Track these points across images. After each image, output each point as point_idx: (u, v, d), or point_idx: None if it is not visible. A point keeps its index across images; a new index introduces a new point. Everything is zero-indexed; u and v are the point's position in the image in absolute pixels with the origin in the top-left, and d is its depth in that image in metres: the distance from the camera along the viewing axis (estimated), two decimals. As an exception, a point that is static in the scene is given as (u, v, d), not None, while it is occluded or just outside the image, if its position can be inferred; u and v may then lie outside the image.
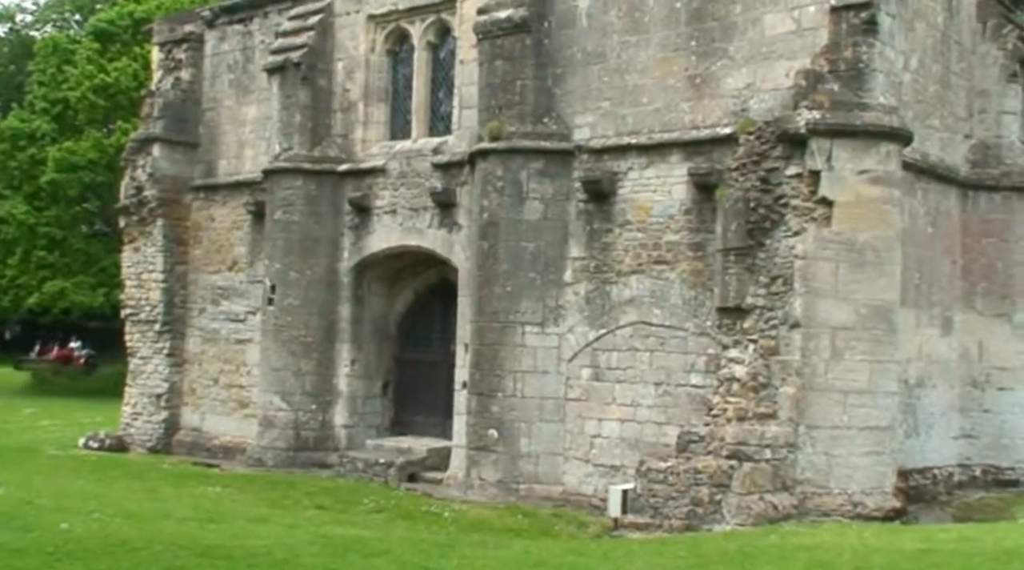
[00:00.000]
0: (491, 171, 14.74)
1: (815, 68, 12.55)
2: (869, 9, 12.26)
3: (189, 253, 20.05)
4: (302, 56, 17.30)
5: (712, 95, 13.64)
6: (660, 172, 14.03)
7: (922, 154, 14.12)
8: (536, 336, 14.57)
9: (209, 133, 19.90)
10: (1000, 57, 15.40)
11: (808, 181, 12.35)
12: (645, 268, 14.07)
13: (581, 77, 14.73)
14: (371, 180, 17.04)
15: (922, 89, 14.26)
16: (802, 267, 12.34)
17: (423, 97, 17.02)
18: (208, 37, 20.02)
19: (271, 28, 18.70)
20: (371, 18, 17.35)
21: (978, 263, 15.25)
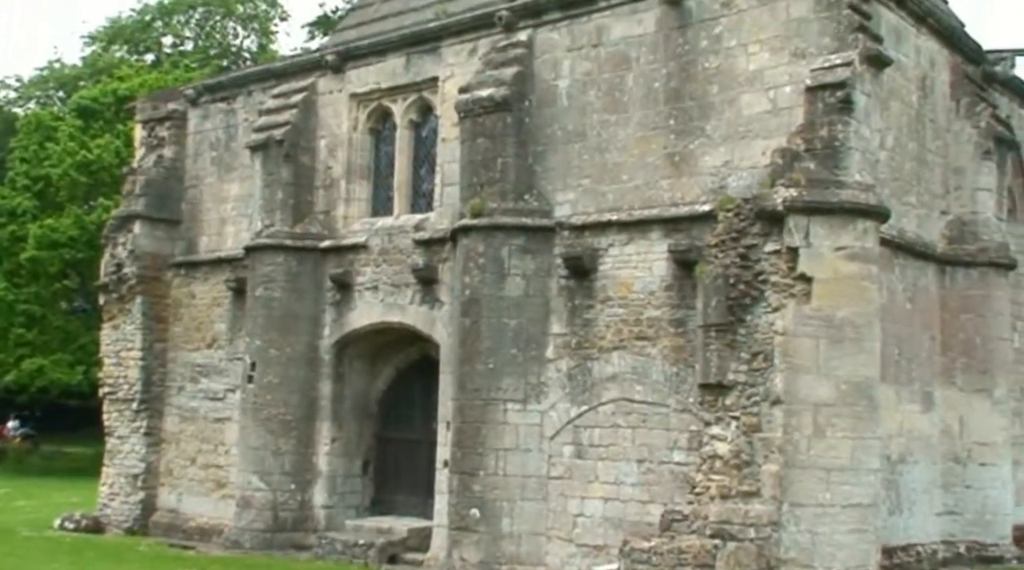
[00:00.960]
0: (473, 248, 14.78)
1: (791, 147, 12.71)
2: (844, 89, 12.46)
3: (168, 330, 19.94)
4: (285, 134, 17.43)
5: (691, 173, 13.78)
6: (641, 248, 14.10)
7: (899, 230, 14.26)
8: (518, 413, 14.50)
9: (191, 210, 19.93)
10: (974, 135, 15.64)
11: (787, 258, 12.43)
12: (627, 344, 14.07)
13: (562, 155, 14.88)
14: (353, 256, 17.06)
15: (898, 166, 14.45)
16: (782, 343, 12.36)
17: (405, 174, 17.14)
18: (191, 115, 20.16)
19: (254, 106, 18.85)
20: (354, 97, 17.53)
21: (957, 338, 15.31)
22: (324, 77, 17.81)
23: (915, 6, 14.87)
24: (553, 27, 15.18)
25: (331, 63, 17.61)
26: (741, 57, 13.54)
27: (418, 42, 16.74)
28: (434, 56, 16.58)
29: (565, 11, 15.05)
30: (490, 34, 15.80)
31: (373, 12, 19.41)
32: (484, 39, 15.89)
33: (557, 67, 15.08)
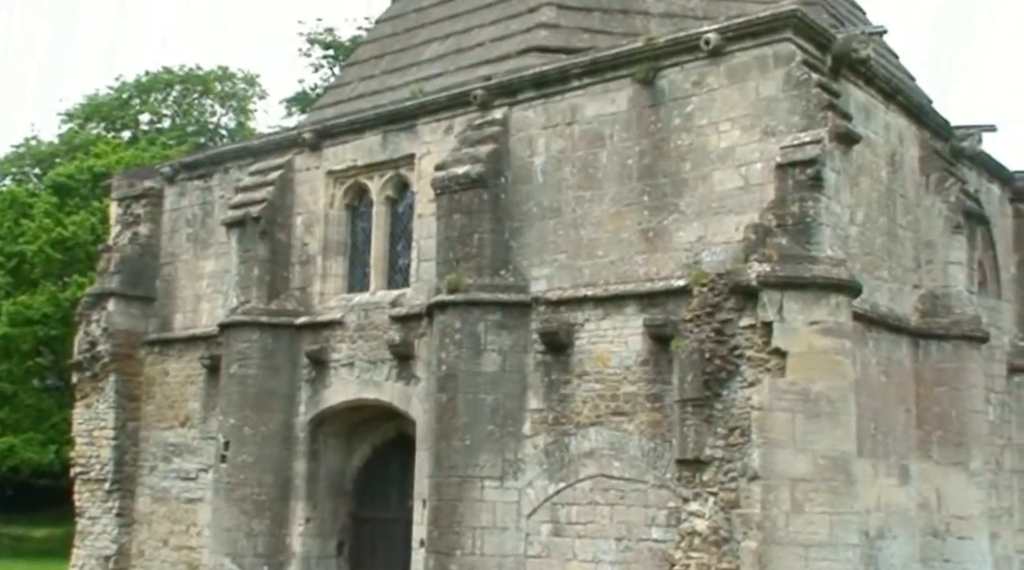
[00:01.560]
0: (449, 323, 14.77)
1: (764, 222, 12.84)
2: (814, 166, 12.64)
3: (141, 409, 19.74)
4: (261, 210, 17.47)
5: (665, 248, 13.88)
6: (616, 323, 14.14)
7: (872, 305, 14.37)
8: (495, 491, 14.37)
9: (165, 287, 19.87)
10: (944, 209, 15.86)
11: (761, 332, 12.50)
12: (604, 419, 14.03)
13: (537, 231, 14.97)
14: (328, 333, 17.01)
15: (869, 241, 14.61)
16: (759, 418, 12.37)
17: (381, 250, 17.18)
18: (167, 192, 20.20)
19: (231, 183, 18.92)
20: (331, 174, 17.63)
21: (932, 412, 15.35)
22: (301, 154, 17.92)
23: (883, 84, 15.17)
24: (528, 106, 15.37)
25: (308, 141, 17.73)
26: (713, 135, 13.73)
27: (395, 120, 16.90)
28: (411, 134, 16.73)
29: (539, 90, 15.26)
30: (466, 112, 15.98)
31: (350, 91, 19.63)
32: (460, 117, 16.06)
33: (532, 144, 15.24)
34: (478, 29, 18.08)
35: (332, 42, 35.11)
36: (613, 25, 16.97)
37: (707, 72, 13.88)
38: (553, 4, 17.26)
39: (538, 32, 16.98)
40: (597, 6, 17.35)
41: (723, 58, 13.74)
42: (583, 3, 17.34)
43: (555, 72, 15.14)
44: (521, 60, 16.42)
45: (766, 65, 13.41)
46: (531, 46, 16.76)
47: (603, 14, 17.22)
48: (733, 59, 13.68)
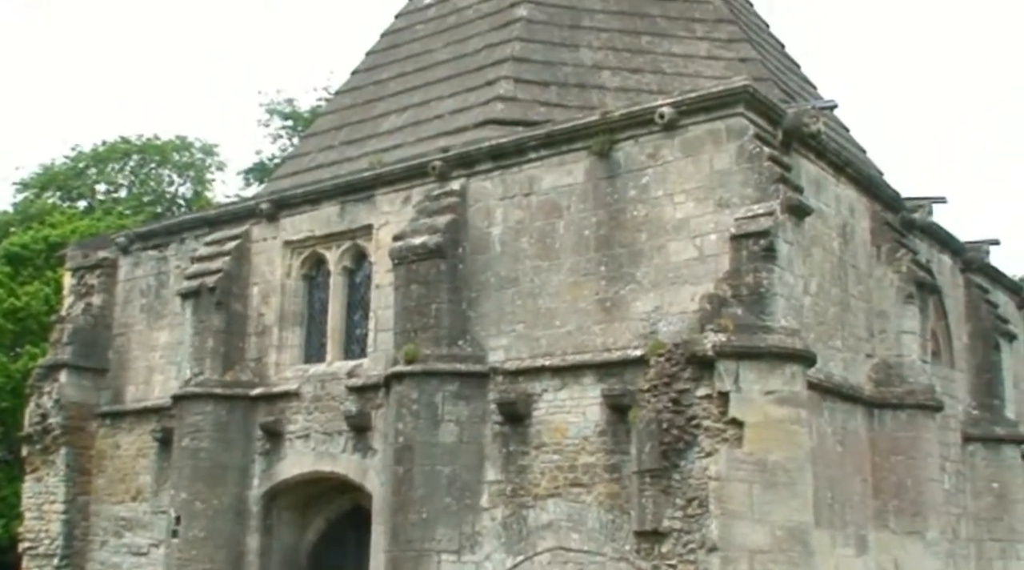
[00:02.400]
0: (406, 394, 14.69)
1: (719, 293, 12.96)
2: (767, 237, 12.81)
3: (92, 483, 19.35)
4: (217, 281, 17.37)
5: (622, 318, 13.93)
6: (574, 394, 14.13)
7: (826, 374, 14.47)
8: (452, 565, 14.18)
9: (118, 359, 19.62)
10: (896, 280, 16.08)
11: (718, 402, 12.54)
12: (562, 491, 13.94)
13: (495, 301, 14.99)
14: (284, 404, 16.84)
15: (822, 311, 14.76)
16: (717, 489, 12.35)
17: (338, 320, 17.10)
18: (122, 263, 20.04)
19: (186, 253, 18.81)
20: (288, 244, 17.59)
21: (888, 481, 15.40)
22: (258, 225, 17.88)
23: (834, 157, 15.46)
24: (486, 177, 15.48)
25: (266, 211, 17.71)
26: (668, 206, 13.89)
27: (353, 191, 16.94)
28: (368, 204, 16.77)
29: (497, 162, 15.38)
30: (424, 183, 16.05)
31: (308, 161, 19.70)
32: (418, 188, 16.12)
33: (490, 215, 15.32)
34: (436, 102, 18.27)
35: (291, 113, 35.28)
36: (569, 99, 17.24)
37: (662, 145, 14.08)
38: (510, 78, 17.51)
39: (495, 105, 17.18)
40: (554, 80, 17.63)
41: (677, 131, 13.96)
42: (540, 77, 17.61)
43: (512, 144, 15.29)
44: (479, 132, 16.58)
45: (719, 139, 13.64)
46: (489, 119, 16.95)
47: (559, 88, 17.49)
48: (687, 132, 13.90)
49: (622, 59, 18.07)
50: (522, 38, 18.17)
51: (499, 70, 17.79)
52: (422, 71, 19.27)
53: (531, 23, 18.47)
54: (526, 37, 18.22)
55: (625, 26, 18.61)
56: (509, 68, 17.71)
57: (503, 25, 18.70)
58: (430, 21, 20.40)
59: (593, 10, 18.86)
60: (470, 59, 18.58)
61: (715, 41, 18.56)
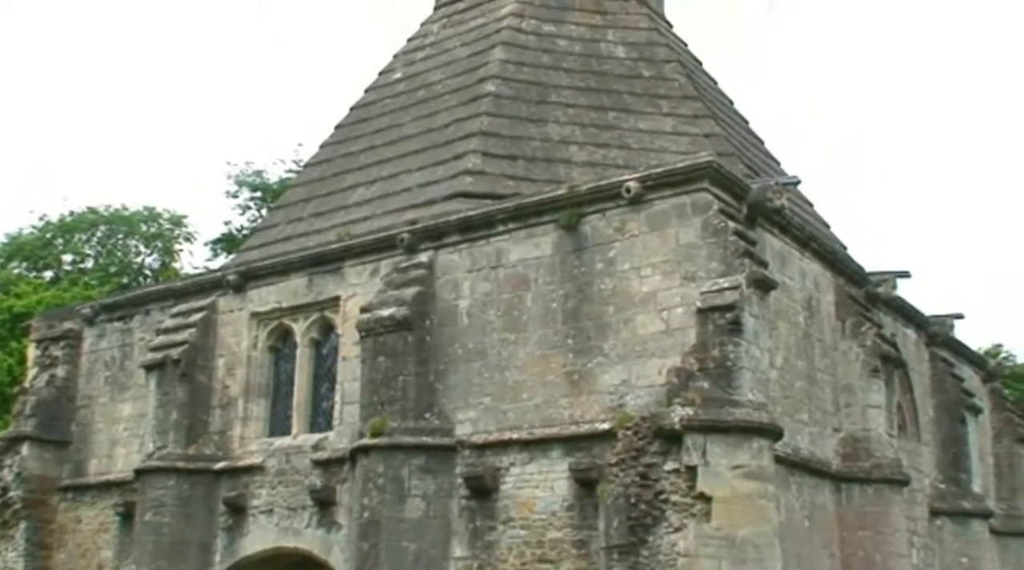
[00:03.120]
0: (372, 468, 14.54)
1: (686, 366, 12.99)
2: (733, 311, 12.89)
3: (53, 558, 18.92)
4: (182, 353, 17.22)
5: (590, 391, 13.91)
6: (542, 467, 14.03)
7: (793, 448, 14.48)
8: (418, 642, 13.93)
9: (81, 431, 19.34)
10: (861, 353, 16.17)
11: (686, 477, 12.50)
12: (529, 567, 13.77)
13: (463, 373, 14.93)
14: (248, 478, 16.60)
15: (789, 385, 14.81)
16: (686, 565, 12.26)
17: (305, 393, 16.96)
18: (87, 334, 19.85)
19: (152, 325, 18.67)
20: (254, 315, 17.49)
21: (856, 556, 15.33)
22: (225, 296, 17.79)
23: (798, 232, 15.64)
24: (453, 249, 15.53)
25: (232, 282, 17.64)
26: (635, 280, 13.97)
27: (321, 262, 16.93)
28: (336, 276, 16.74)
29: (465, 235, 15.45)
30: (392, 255, 16.08)
31: (277, 233, 19.70)
32: (386, 260, 16.14)
33: (457, 288, 15.34)
34: (405, 175, 18.39)
35: (260, 184, 35.31)
36: (537, 173, 17.40)
37: (628, 219, 14.20)
38: (479, 151, 17.67)
39: (464, 178, 17.30)
40: (521, 154, 17.81)
41: (643, 205, 14.09)
42: (508, 151, 17.79)
43: (480, 217, 15.37)
44: (447, 205, 16.67)
45: (685, 213, 13.78)
46: (457, 192, 17.06)
47: (527, 162, 17.67)
48: (653, 207, 14.04)
49: (589, 134, 18.30)
50: (490, 113, 18.37)
51: (467, 144, 17.95)
52: (391, 144, 19.42)
53: (499, 98, 18.70)
54: (494, 112, 18.42)
55: (592, 102, 18.89)
56: (477, 142, 17.88)
57: (471, 100, 18.91)
58: (399, 95, 20.61)
59: (560, 86, 19.14)
60: (439, 133, 18.75)
61: (680, 117, 18.84)
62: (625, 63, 19.80)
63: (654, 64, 19.88)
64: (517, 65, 19.40)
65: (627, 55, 19.94)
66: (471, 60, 19.96)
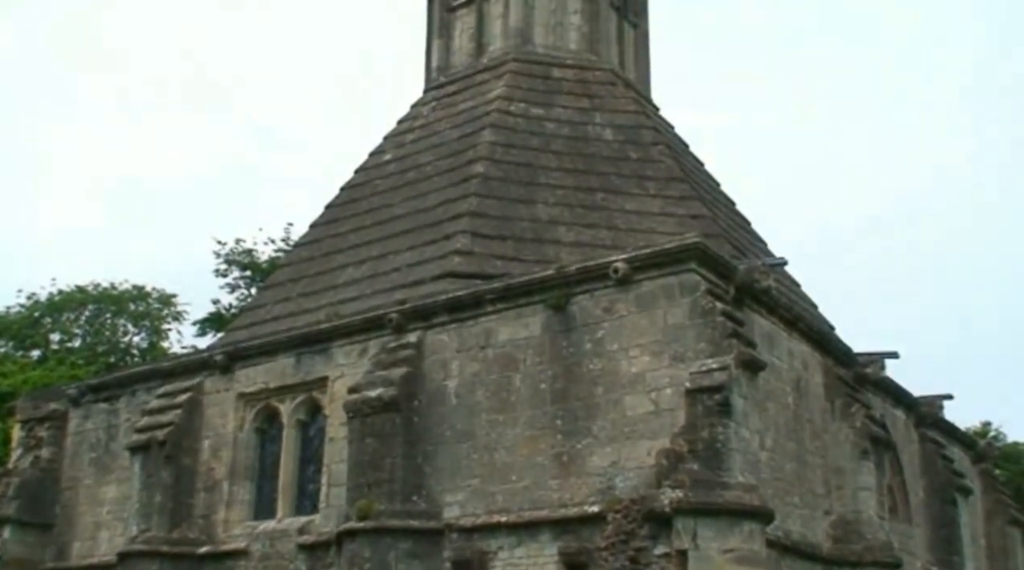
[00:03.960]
0: (358, 552, 14.34)
1: (675, 448, 12.92)
2: (722, 392, 12.86)
3: (34, 643, 18.56)
4: (168, 434, 17.07)
5: (579, 473, 13.81)
6: (531, 551, 13.86)
7: (784, 531, 14.33)
8: None
9: (65, 513, 19.07)
10: (851, 435, 16.10)
11: (677, 561, 12.37)
12: (518, 654, 13.53)
13: (451, 455, 14.82)
14: (232, 563, 16.35)
15: (779, 467, 14.72)
16: (676, 651, 12.04)
17: (291, 475, 16.78)
18: (72, 415, 19.68)
19: (138, 406, 18.53)
20: (241, 396, 17.39)
21: (851, 643, 15.09)
22: (211, 377, 17.70)
23: (785, 312, 15.68)
24: (442, 329, 15.52)
25: (219, 363, 17.56)
26: (623, 360, 13.95)
27: (309, 342, 16.88)
28: (324, 356, 16.69)
29: (453, 315, 15.45)
30: (380, 335, 16.05)
31: (265, 313, 19.68)
32: (375, 340, 16.11)
33: (446, 368, 15.30)
34: (394, 255, 18.44)
35: (251, 263, 35.35)
36: (526, 253, 17.47)
37: (617, 299, 14.24)
38: (468, 232, 17.76)
39: (453, 258, 17.37)
40: (510, 234, 17.90)
41: (632, 286, 14.14)
42: (497, 232, 17.88)
43: (469, 297, 15.39)
44: (436, 285, 16.70)
45: (672, 294, 13.82)
46: (446, 272, 17.10)
47: (516, 242, 17.75)
48: (641, 287, 14.09)
49: (577, 215, 18.43)
50: (479, 194, 18.52)
51: (457, 224, 18.05)
52: (381, 225, 19.52)
53: (488, 179, 18.85)
54: (483, 193, 18.57)
55: (580, 183, 19.05)
56: (467, 223, 17.98)
57: (461, 181, 19.07)
58: (389, 176, 20.77)
59: (549, 167, 19.32)
60: (428, 214, 18.86)
61: (667, 198, 19.01)
62: (612, 145, 20.03)
63: (641, 146, 20.12)
64: (506, 147, 19.60)
65: (614, 137, 20.18)
66: (460, 142, 20.17)
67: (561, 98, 20.83)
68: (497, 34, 22.03)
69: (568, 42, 21.80)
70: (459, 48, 22.50)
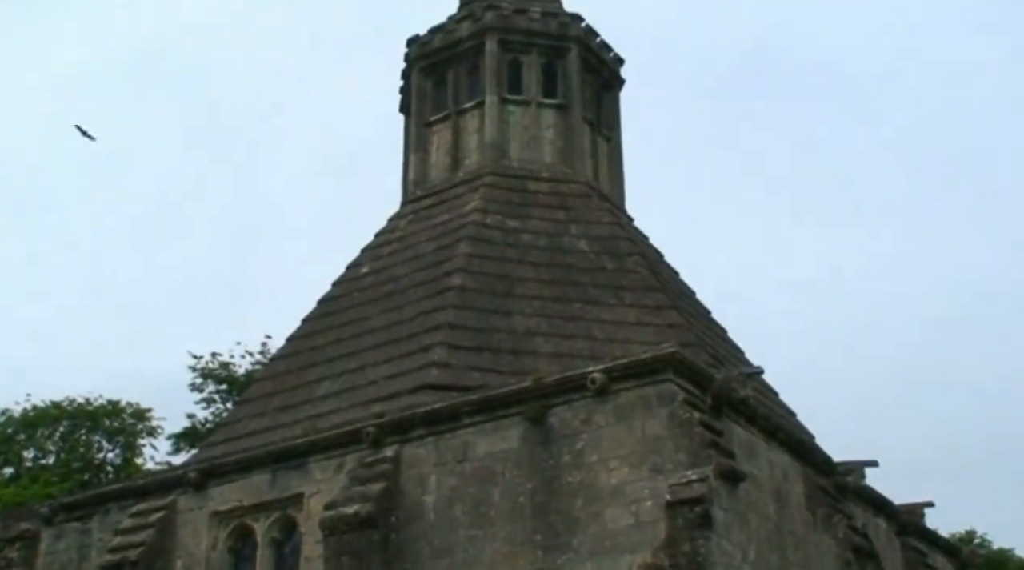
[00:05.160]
0: None
1: (657, 561, 12.77)
2: (702, 504, 12.76)
3: None
4: (139, 555, 16.68)
5: (561, 590, 13.57)
6: None
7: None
8: None
9: (32, 638, 18.52)
10: (833, 546, 15.93)
11: None
12: None
13: (429, 572, 14.57)
14: None
15: (763, 579, 14.51)
16: None
17: (264, 596, 16.43)
18: (44, 535, 19.21)
19: (111, 525, 18.14)
20: (215, 514, 17.07)
21: None
22: (185, 494, 17.38)
23: (764, 422, 15.65)
24: (420, 443, 15.40)
25: (193, 480, 17.28)
26: (603, 472, 13.85)
27: (285, 458, 16.66)
28: (301, 472, 16.47)
29: (431, 428, 15.35)
30: (358, 449, 15.89)
31: (241, 428, 19.48)
32: (352, 454, 15.94)
33: (424, 482, 15.13)
34: (371, 367, 18.39)
35: (227, 377, 35.12)
36: (503, 364, 17.46)
37: (595, 410, 14.20)
38: (445, 344, 17.76)
39: (430, 370, 17.33)
40: (488, 346, 17.91)
41: (609, 397, 14.13)
42: (474, 343, 17.89)
43: (447, 410, 15.32)
44: (414, 398, 16.63)
45: (650, 404, 13.81)
46: (423, 384, 17.05)
47: (493, 353, 17.76)
48: (619, 398, 14.07)
49: (554, 325, 18.48)
50: (456, 306, 18.57)
51: (434, 336, 18.06)
52: (358, 337, 19.50)
53: (465, 291, 18.94)
54: (460, 305, 18.62)
55: (556, 294, 19.16)
56: (444, 335, 17.99)
57: (438, 293, 19.14)
58: (367, 289, 20.84)
59: (525, 279, 19.44)
60: (406, 326, 18.87)
61: (644, 308, 19.11)
62: (588, 256, 20.20)
63: (616, 257, 20.30)
64: (482, 259, 19.74)
65: (590, 248, 20.37)
66: (437, 254, 20.31)
67: (537, 210, 21.08)
68: (473, 148, 22.38)
69: (543, 155, 22.17)
70: (436, 162, 22.84)
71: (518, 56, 22.76)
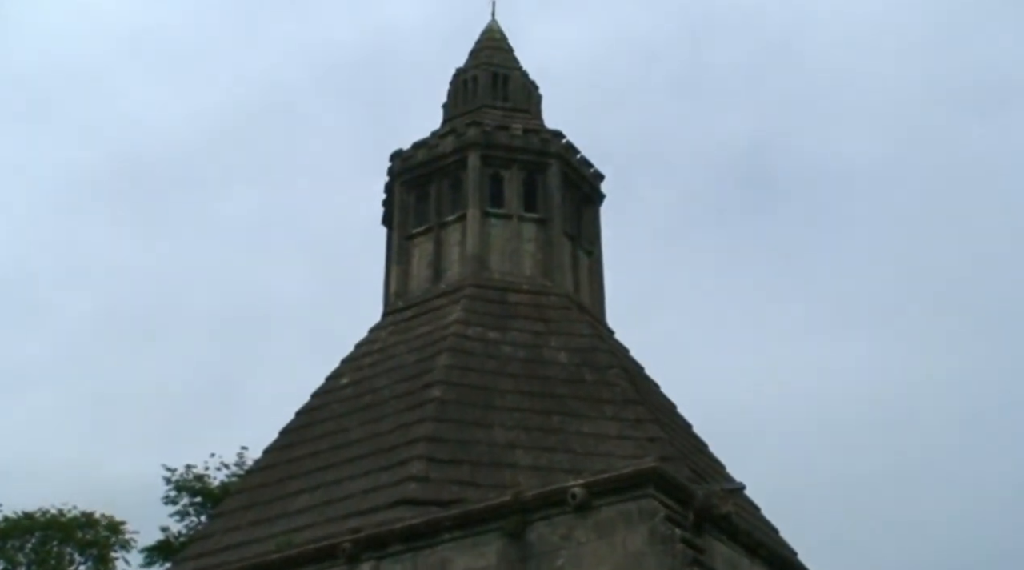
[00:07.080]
0: None
1: None
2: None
3: None
4: None
5: None
6: None
7: None
8: None
9: None
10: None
11: None
12: None
13: None
14: None
15: None
16: None
17: None
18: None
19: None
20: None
21: None
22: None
23: (746, 538, 15.52)
24: (396, 559, 15.18)
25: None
26: (583, 590, 13.62)
27: (259, 573, 16.39)
28: (275, 589, 16.16)
29: (408, 543, 15.15)
30: (333, 565, 15.65)
31: (215, 542, 19.10)
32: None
33: (400, 600, 14.84)
34: (349, 481, 18.16)
35: (201, 489, 34.58)
36: (482, 477, 17.28)
37: (575, 525, 14.05)
38: (424, 457, 17.59)
39: (408, 484, 17.12)
40: (467, 459, 17.74)
41: (590, 512, 14.00)
42: (453, 456, 17.73)
43: (425, 525, 15.13)
44: (391, 512, 16.39)
45: (631, 519, 13.67)
46: (401, 498, 16.82)
47: (472, 467, 17.58)
48: (599, 513, 13.94)
49: (534, 438, 18.35)
50: (436, 418, 18.45)
51: (412, 450, 17.89)
52: (336, 450, 19.29)
53: (444, 403, 18.84)
54: (440, 417, 18.51)
55: (536, 406, 19.07)
56: (423, 448, 17.83)
57: (417, 405, 19.03)
58: (346, 400, 20.70)
59: (505, 391, 19.37)
60: (384, 438, 18.70)
61: (624, 421, 19.02)
62: (568, 368, 20.19)
63: (597, 369, 20.28)
64: (463, 370, 19.69)
65: (570, 360, 20.37)
66: (417, 366, 20.26)
67: (517, 322, 21.13)
68: (455, 260, 22.54)
69: (524, 268, 22.34)
70: (417, 274, 22.96)
71: (499, 171, 23.11)
